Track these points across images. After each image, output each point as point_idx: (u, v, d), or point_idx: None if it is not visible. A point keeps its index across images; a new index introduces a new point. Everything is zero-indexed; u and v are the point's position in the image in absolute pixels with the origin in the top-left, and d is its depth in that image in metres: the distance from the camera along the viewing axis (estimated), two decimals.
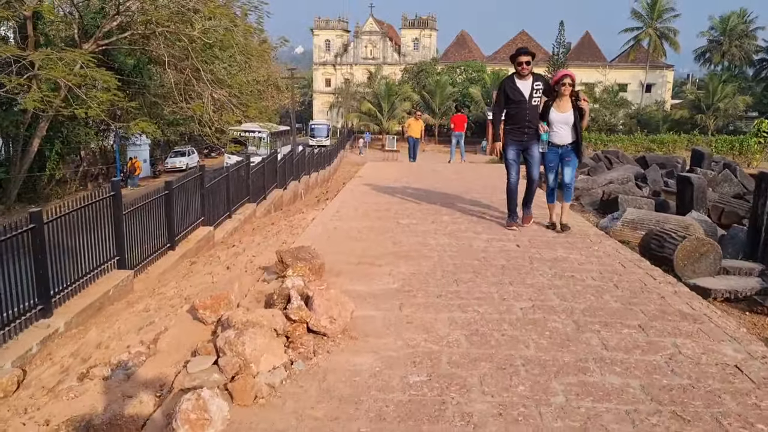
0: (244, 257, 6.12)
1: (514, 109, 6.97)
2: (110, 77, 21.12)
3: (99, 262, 8.87)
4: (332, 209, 8.36)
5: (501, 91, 7.07)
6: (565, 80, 6.89)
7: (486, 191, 10.34)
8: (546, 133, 6.95)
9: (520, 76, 6.92)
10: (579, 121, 6.96)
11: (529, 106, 6.91)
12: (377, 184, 11.10)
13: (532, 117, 6.96)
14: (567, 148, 7.08)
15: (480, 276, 5.12)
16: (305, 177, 26.84)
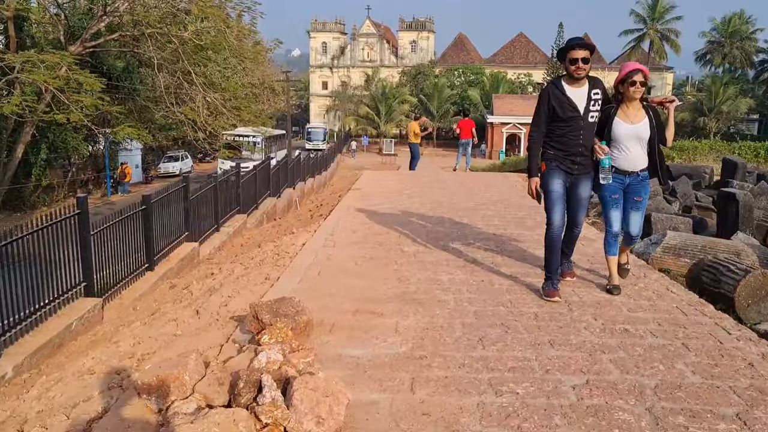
0: (218, 297, 5.06)
1: (563, 128, 4.87)
2: (94, 80, 20.03)
3: (61, 291, 7.78)
4: (325, 231, 7.29)
5: (543, 103, 4.90)
6: (634, 77, 4.81)
7: (497, 207, 9.28)
8: (608, 156, 4.85)
9: (573, 79, 4.81)
10: (660, 133, 4.94)
11: (585, 123, 4.83)
12: (376, 199, 10.04)
13: (587, 139, 4.88)
14: (638, 176, 4.97)
15: (510, 331, 4.05)
16: (300, 184, 25.75)
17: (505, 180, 13.00)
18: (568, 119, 4.83)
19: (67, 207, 8.20)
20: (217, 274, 6.92)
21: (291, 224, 11.45)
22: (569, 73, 4.83)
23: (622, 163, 4.92)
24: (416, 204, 9.40)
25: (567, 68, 4.85)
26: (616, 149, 4.92)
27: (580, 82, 4.82)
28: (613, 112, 4.93)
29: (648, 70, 5.03)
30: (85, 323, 7.84)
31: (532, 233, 7.22)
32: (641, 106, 4.94)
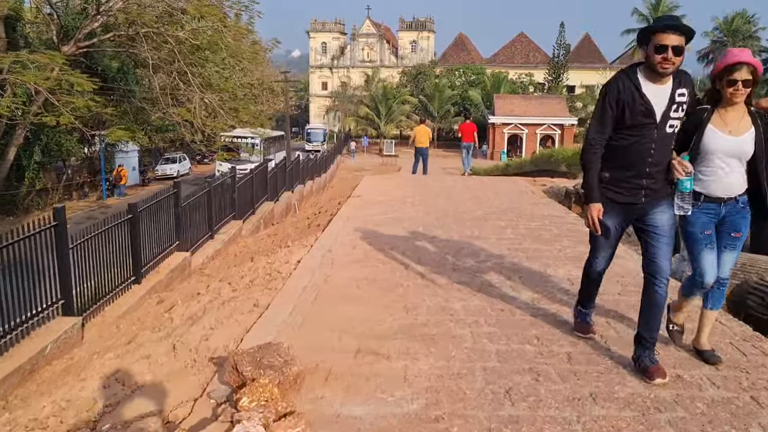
0: (199, 329, 4.41)
1: (628, 139, 3.54)
2: (85, 80, 19.38)
3: (36, 310, 7.13)
4: (323, 246, 6.63)
5: (611, 99, 3.55)
6: (735, 73, 3.50)
7: (508, 216, 8.61)
8: (690, 176, 3.52)
9: (655, 73, 3.44)
10: None
11: (660, 134, 3.49)
12: (377, 208, 9.39)
13: (660, 154, 3.53)
14: (737, 203, 3.69)
15: (542, 379, 3.38)
16: (299, 187, 25.08)
17: (514, 185, 12.34)
18: (639, 127, 3.48)
19: (43, 218, 7.53)
20: (203, 294, 6.26)
21: (287, 233, 10.80)
22: (651, 64, 3.42)
23: (715, 188, 3.61)
24: (420, 213, 8.73)
25: (649, 57, 3.45)
26: (706, 167, 3.63)
27: (665, 78, 3.46)
28: (705, 117, 3.63)
29: (760, 64, 3.64)
30: (62, 346, 7.19)
31: (550, 248, 6.57)
32: (746, 110, 3.62)
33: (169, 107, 27.08)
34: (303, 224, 10.73)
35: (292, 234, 10.45)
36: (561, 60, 69.18)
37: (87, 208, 32.24)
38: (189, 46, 25.50)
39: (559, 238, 7.13)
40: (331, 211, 10.16)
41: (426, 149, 17.75)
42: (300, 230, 10.10)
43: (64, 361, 6.84)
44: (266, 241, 11.25)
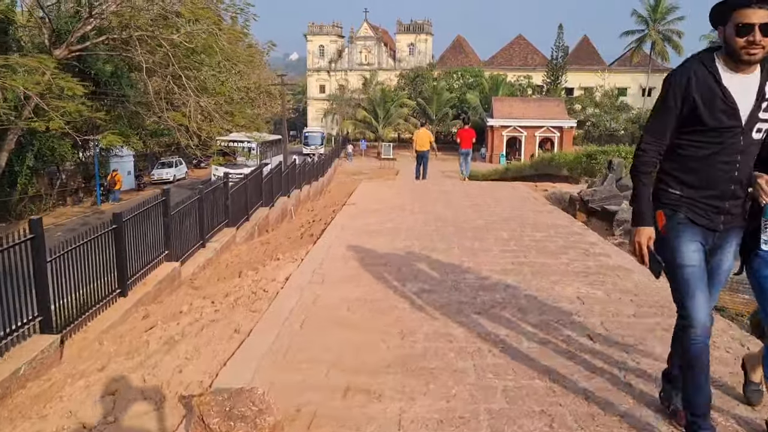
0: (174, 358, 3.98)
1: (707, 146, 2.77)
2: (75, 84, 18.94)
3: (11, 328, 6.70)
4: (314, 260, 6.20)
5: (675, 95, 2.79)
6: None
7: (511, 225, 8.19)
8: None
9: (738, 62, 2.67)
10: None
11: (746, 141, 2.73)
12: (373, 216, 8.96)
13: (746, 167, 2.78)
14: None
15: (556, 426, 2.95)
16: (296, 191, 24.64)
17: (514, 192, 11.92)
18: (719, 131, 2.70)
19: (19, 231, 7.10)
20: (185, 314, 5.83)
21: (279, 242, 10.37)
22: (732, 50, 2.64)
23: None
24: (419, 223, 8.31)
25: (729, 41, 2.65)
26: None
27: (750, 67, 2.68)
28: None
29: None
30: (38, 366, 6.75)
31: (556, 261, 6.14)
32: None
33: (163, 111, 26.66)
34: (296, 234, 10.30)
35: (284, 243, 10.03)
36: (559, 62, 68.86)
37: (81, 214, 31.83)
38: (184, 49, 25.13)
39: (566, 250, 6.71)
40: (326, 219, 9.74)
41: (426, 153, 17.37)
42: (292, 240, 9.67)
43: (39, 384, 6.42)
44: (258, 250, 10.81)
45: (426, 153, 17.25)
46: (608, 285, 5.29)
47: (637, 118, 68.53)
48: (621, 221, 8.06)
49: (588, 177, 14.86)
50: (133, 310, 9.17)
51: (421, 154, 17.42)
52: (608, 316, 4.47)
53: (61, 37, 24.80)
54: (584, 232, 7.80)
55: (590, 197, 9.03)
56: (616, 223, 8.11)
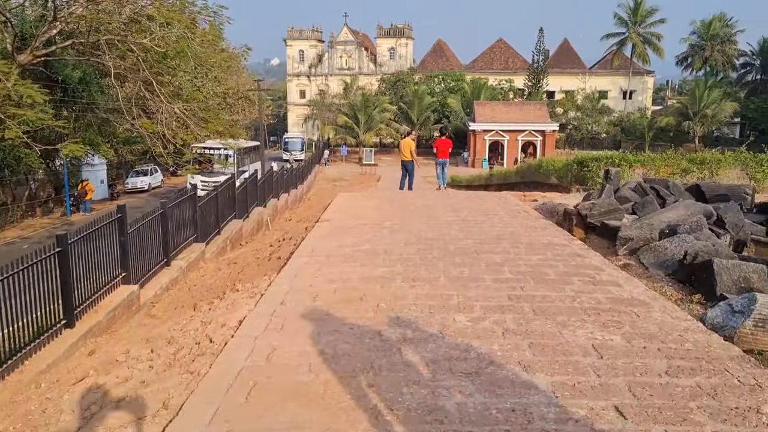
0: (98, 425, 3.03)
1: None
2: (35, 91, 17.78)
3: None
4: (276, 296, 5.25)
5: None
6: None
7: (503, 246, 7.29)
8: None
9: None
10: None
11: None
12: (349, 236, 8.02)
13: None
14: None
15: None
16: (273, 201, 23.59)
17: (503, 204, 11.03)
18: None
19: None
20: (120, 363, 4.85)
21: (247, 263, 9.41)
22: None
23: None
24: (400, 244, 7.38)
25: None
26: None
27: None
28: None
29: None
30: None
31: (560, 294, 5.25)
32: None
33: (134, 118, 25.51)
34: (265, 253, 9.34)
35: (251, 264, 9.07)
36: (540, 65, 68.55)
37: (50, 226, 30.55)
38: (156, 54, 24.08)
39: (568, 277, 5.82)
40: (297, 237, 8.78)
41: (410, 163, 16.59)
42: (260, 261, 8.71)
43: None
44: (224, 272, 9.84)
45: (410, 163, 16.45)
46: (626, 327, 4.41)
47: (618, 121, 68.29)
48: (625, 239, 7.21)
49: (579, 185, 14.04)
50: (80, 343, 8.18)
51: (404, 164, 16.63)
52: (635, 375, 3.57)
53: (26, 42, 23.62)
54: (585, 253, 6.93)
55: (588, 211, 8.18)
56: (619, 242, 7.25)
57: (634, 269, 6.71)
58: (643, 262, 6.82)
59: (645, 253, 6.91)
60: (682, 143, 65.35)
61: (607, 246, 7.75)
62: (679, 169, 12.63)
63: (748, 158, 12.90)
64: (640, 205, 8.63)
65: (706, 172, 12.34)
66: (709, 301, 5.62)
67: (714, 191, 9.28)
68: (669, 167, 12.72)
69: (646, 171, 12.77)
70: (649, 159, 13.04)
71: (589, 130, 67.16)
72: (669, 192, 9.00)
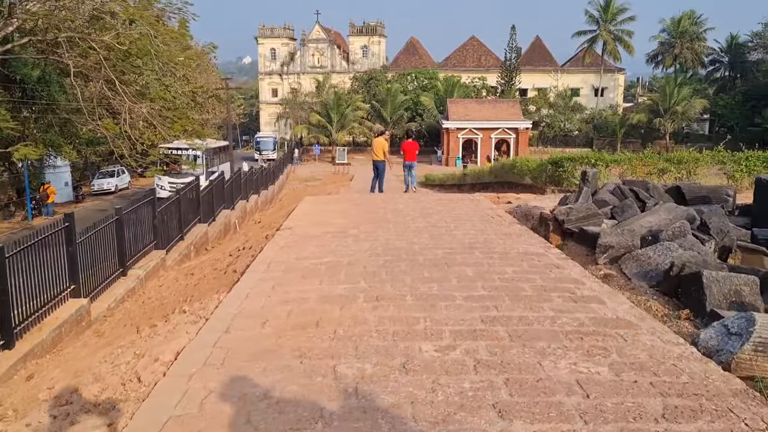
0: None
1: None
2: None
3: None
4: (222, 321, 4.66)
5: None
6: None
7: (475, 256, 6.77)
8: None
9: None
10: None
11: None
12: (311, 245, 7.44)
13: None
14: None
15: None
16: (242, 203, 22.85)
17: (476, 208, 10.54)
18: None
19: None
20: (40, 402, 4.22)
21: (204, 274, 8.78)
22: None
23: None
24: (365, 255, 6.82)
25: None
26: None
27: None
28: None
29: None
30: None
31: (538, 314, 4.73)
32: None
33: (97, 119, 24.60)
34: (223, 263, 8.71)
35: (208, 276, 8.45)
36: (513, 63, 68.48)
37: (10, 231, 29.41)
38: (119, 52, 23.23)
39: (547, 293, 5.32)
40: (257, 246, 8.18)
41: (381, 163, 16.01)
42: (217, 273, 8.09)
43: None
44: (180, 283, 9.19)
45: (381, 163, 15.88)
46: (614, 355, 3.90)
47: (590, 119, 68.54)
48: (605, 246, 6.74)
49: (554, 186, 13.61)
50: (19, 366, 7.53)
51: (375, 164, 16.05)
52: (628, 420, 3.06)
53: None
54: (564, 263, 6.45)
55: (565, 217, 7.70)
56: (599, 249, 6.79)
57: (616, 280, 6.25)
58: (626, 272, 6.37)
59: (627, 263, 6.46)
60: (653, 140, 65.92)
61: (585, 254, 7.29)
62: (656, 169, 12.26)
63: (726, 157, 12.58)
64: (619, 209, 8.18)
65: (684, 171, 11.99)
66: (698, 317, 5.18)
67: (695, 193, 8.89)
68: (646, 167, 12.34)
69: (623, 171, 12.39)
70: (625, 159, 12.64)
71: (561, 128, 67.31)
72: (649, 194, 8.57)
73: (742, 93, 66.21)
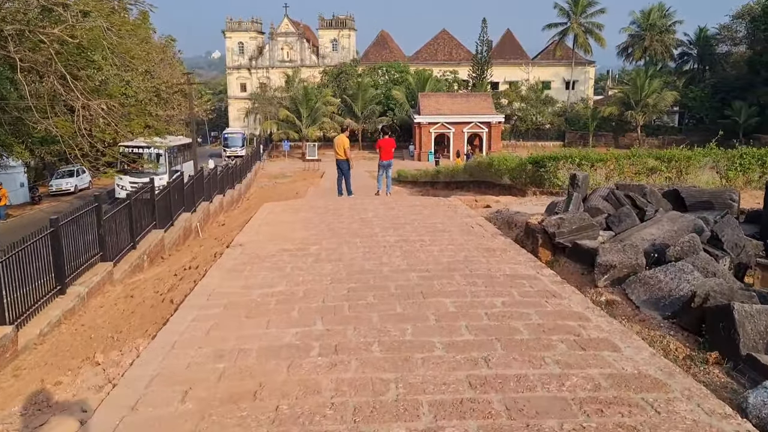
0: None
1: None
2: None
3: None
4: (135, 387, 3.54)
5: None
6: None
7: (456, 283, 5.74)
8: None
9: None
10: None
11: None
12: (262, 271, 6.32)
13: None
14: None
15: None
16: (204, 204, 21.51)
17: (451, 213, 9.49)
18: None
19: None
20: None
21: (144, 298, 7.61)
22: None
23: None
24: (325, 283, 5.73)
25: None
26: None
27: None
28: None
29: None
30: None
31: (540, 372, 3.70)
32: None
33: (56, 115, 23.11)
34: (167, 284, 7.56)
35: (147, 301, 7.29)
36: (484, 56, 67.76)
37: None
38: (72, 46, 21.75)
39: (547, 336, 4.31)
40: (204, 266, 7.02)
41: (344, 162, 14.77)
42: (155, 300, 6.94)
43: None
44: (119, 308, 8.03)
45: (344, 163, 14.66)
46: None
47: (562, 112, 68.14)
48: (605, 266, 5.75)
49: (535, 188, 12.62)
50: None
51: (338, 164, 14.83)
52: None
53: None
54: (560, 290, 5.45)
55: (556, 229, 6.70)
56: (598, 269, 5.80)
57: (622, 308, 5.28)
58: (632, 298, 5.41)
59: (633, 287, 5.49)
60: (625, 132, 65.81)
61: (581, 272, 6.32)
62: (645, 169, 11.33)
63: (719, 155, 11.71)
64: (615, 218, 7.22)
65: (674, 170, 11.10)
66: (730, 361, 4.23)
67: (695, 198, 7.98)
68: (634, 166, 11.40)
69: (610, 171, 11.47)
70: (612, 157, 11.67)
71: (534, 121, 66.84)
72: (646, 200, 7.62)
73: (711, 85, 66.43)
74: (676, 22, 73.00)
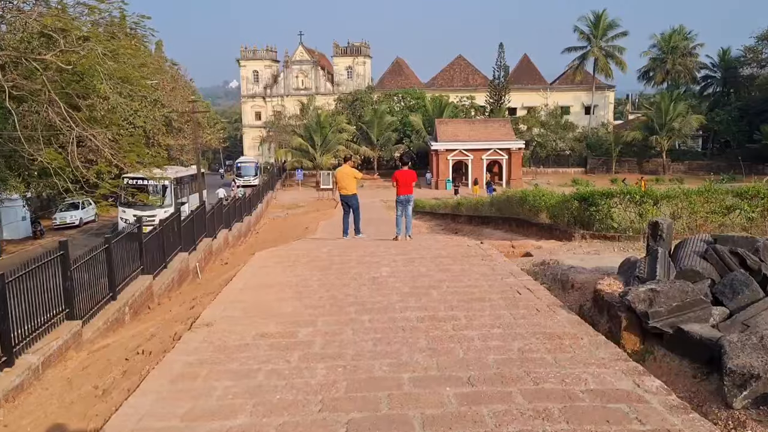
0: None
1: None
2: None
3: None
4: None
5: None
6: None
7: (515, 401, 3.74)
8: None
9: None
10: None
11: None
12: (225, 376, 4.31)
13: None
14: None
15: None
16: (206, 241, 19.53)
17: (487, 270, 7.44)
18: None
19: None
20: None
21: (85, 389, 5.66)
22: None
23: None
24: (313, 404, 3.69)
25: None
26: None
27: None
28: None
29: None
30: None
31: None
32: None
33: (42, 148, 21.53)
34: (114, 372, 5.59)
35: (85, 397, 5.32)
36: (501, 82, 66.11)
37: None
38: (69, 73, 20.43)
39: None
40: (157, 352, 5.05)
41: (353, 197, 12.74)
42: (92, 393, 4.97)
43: None
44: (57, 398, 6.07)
45: (353, 198, 12.63)
46: None
47: (582, 137, 66.02)
48: (743, 375, 3.66)
49: (583, 229, 10.50)
50: None
51: (345, 199, 12.80)
52: None
53: None
54: (689, 428, 3.40)
55: (648, 307, 4.65)
56: (731, 381, 3.71)
57: None
58: None
59: None
60: (649, 158, 63.53)
61: (693, 375, 4.28)
62: (721, 207, 9.19)
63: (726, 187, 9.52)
64: (725, 286, 5.16)
65: (759, 210, 8.95)
66: None
67: (720, 242, 5.84)
68: (708, 204, 9.26)
69: (677, 210, 9.35)
70: (680, 194, 9.47)
71: (554, 147, 64.78)
72: (759, 259, 5.54)
73: (738, 108, 64.07)
74: (698, 45, 71.19)
